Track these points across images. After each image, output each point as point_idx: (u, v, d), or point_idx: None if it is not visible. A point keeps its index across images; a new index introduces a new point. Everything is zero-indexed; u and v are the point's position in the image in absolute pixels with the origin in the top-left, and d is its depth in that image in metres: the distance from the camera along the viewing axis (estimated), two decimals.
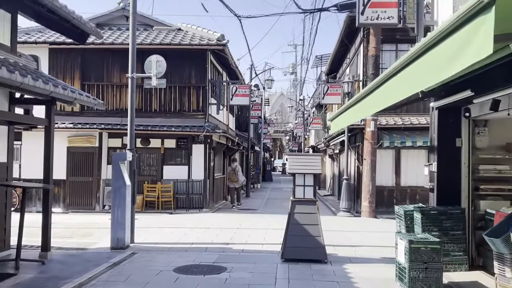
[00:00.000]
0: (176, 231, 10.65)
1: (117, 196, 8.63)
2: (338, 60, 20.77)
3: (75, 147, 14.97)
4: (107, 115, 15.15)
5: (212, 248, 8.72)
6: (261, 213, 15.11)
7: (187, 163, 15.29)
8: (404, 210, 7.55)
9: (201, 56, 15.21)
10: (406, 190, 14.93)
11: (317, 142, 30.93)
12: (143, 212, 14.37)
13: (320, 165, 7.91)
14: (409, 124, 14.48)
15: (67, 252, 8.21)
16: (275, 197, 22.05)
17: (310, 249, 7.62)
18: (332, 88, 15.93)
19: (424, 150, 14.88)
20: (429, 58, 3.58)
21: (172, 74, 15.25)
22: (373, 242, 9.58)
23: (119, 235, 8.59)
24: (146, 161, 15.48)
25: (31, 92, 6.65)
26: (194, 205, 15.11)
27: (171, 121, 15.03)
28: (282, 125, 64.98)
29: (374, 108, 5.59)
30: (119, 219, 8.59)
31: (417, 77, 3.90)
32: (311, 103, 36.00)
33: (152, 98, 15.28)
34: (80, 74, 15.31)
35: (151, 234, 10.20)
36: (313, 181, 7.82)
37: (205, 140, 15.16)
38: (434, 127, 7.74)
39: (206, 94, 15.22)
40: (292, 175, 7.87)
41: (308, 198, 7.82)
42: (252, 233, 10.41)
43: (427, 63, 3.65)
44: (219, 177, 17.97)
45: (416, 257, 6.06)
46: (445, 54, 3.27)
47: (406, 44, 15.15)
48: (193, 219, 12.79)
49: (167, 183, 15.06)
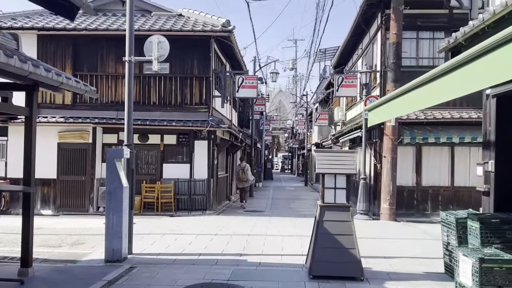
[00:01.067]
0: (179, 238, 9.37)
1: (113, 200, 7.35)
2: (348, 52, 19.50)
3: (66, 143, 13.68)
4: (101, 108, 13.89)
5: (223, 260, 7.45)
6: (269, 215, 13.85)
7: (188, 161, 14.04)
8: (456, 218, 6.31)
9: (204, 44, 13.93)
10: (428, 191, 13.70)
11: (321, 139, 29.70)
12: (141, 214, 13.11)
13: (354, 163, 6.66)
14: (432, 118, 13.24)
15: (54, 266, 6.93)
16: (280, 197, 20.81)
17: (343, 264, 6.37)
18: (347, 79, 14.68)
19: (448, 147, 13.71)
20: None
21: (173, 64, 13.94)
22: (408, 252, 8.34)
23: (114, 246, 7.32)
24: (144, 159, 14.22)
25: (6, 73, 5.36)
26: (197, 206, 13.86)
27: (172, 115, 13.76)
28: (281, 122, 63.88)
29: (434, 100, 4.41)
30: (115, 226, 7.32)
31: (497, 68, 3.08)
32: (313, 99, 34.73)
33: (151, 90, 13.99)
34: (71, 63, 13.99)
35: (152, 242, 8.93)
36: (345, 182, 6.57)
37: (209, 136, 13.90)
38: (491, 118, 6.49)
39: (209, 85, 13.93)
40: (321, 176, 6.61)
41: (340, 203, 6.57)
42: (267, 241, 9.14)
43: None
44: (222, 176, 16.70)
45: (489, 279, 4.85)
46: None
47: (428, 31, 13.98)
48: (197, 224, 11.52)
49: (167, 183, 13.80)
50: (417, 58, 13.97)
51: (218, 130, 14.10)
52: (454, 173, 13.69)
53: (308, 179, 33.10)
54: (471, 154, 13.75)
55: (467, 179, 13.68)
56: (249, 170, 16.46)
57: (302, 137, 46.16)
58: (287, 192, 24.89)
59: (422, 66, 13.92)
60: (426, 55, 14.00)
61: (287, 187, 28.95)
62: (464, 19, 13.51)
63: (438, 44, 13.96)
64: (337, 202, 6.58)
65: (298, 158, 50.00)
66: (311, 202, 19.06)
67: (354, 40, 17.84)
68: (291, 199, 20.24)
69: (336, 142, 21.73)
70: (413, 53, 13.96)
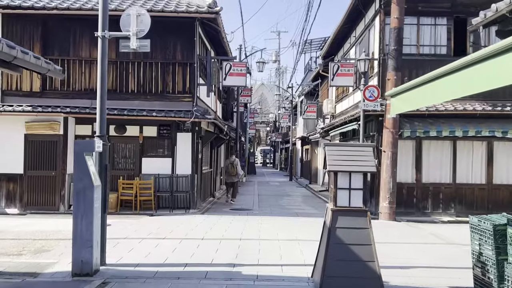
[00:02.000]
0: (161, 244, 8.20)
1: (81, 202, 6.15)
2: (339, 41, 18.45)
3: (34, 134, 12.34)
4: (74, 96, 12.61)
5: (214, 273, 6.32)
6: (259, 214, 12.75)
7: (170, 155, 12.85)
8: (493, 224, 5.29)
9: (188, 27, 12.70)
10: (428, 188, 12.79)
11: (307, 132, 28.72)
12: (117, 213, 11.90)
13: (373, 159, 5.59)
14: (434, 110, 12.28)
15: (8, 283, 5.72)
16: (267, 193, 19.74)
17: (360, 279, 5.32)
18: (343, 67, 13.61)
19: (449, 141, 12.81)
20: None
21: (154, 49, 12.73)
22: (423, 260, 7.33)
23: (84, 256, 6.12)
24: (122, 153, 12.99)
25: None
26: (179, 205, 12.70)
27: (152, 104, 12.53)
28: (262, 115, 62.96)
29: (486, 85, 3.42)
30: (84, 233, 6.12)
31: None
32: (299, 91, 33.69)
33: (129, 77, 12.72)
34: (40, 46, 12.61)
35: (129, 249, 7.74)
36: (362, 182, 5.51)
37: (193, 128, 12.72)
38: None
39: (194, 72, 12.72)
40: (333, 174, 5.53)
41: (356, 206, 5.50)
42: (262, 247, 8.03)
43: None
44: (206, 171, 15.53)
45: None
46: None
47: (430, 17, 13.01)
48: (181, 225, 10.35)
49: (147, 179, 12.59)
50: (418, 46, 12.98)
51: (203, 121, 12.92)
52: (456, 169, 12.81)
53: (292, 174, 32.15)
54: (474, 149, 12.89)
55: (469, 176, 12.82)
56: (239, 164, 15.83)
57: (286, 131, 45.21)
58: (273, 187, 23.86)
59: (423, 54, 12.98)
60: (428, 43, 13.03)
61: (272, 182, 27.91)
62: (468, 4, 12.76)
63: (440, 31, 13.10)
64: (352, 205, 5.51)
65: (280, 152, 49.04)
66: (300, 199, 18.07)
67: (347, 28, 16.81)
68: (279, 195, 19.20)
69: (325, 136, 20.73)
70: (414, 40, 12.98)
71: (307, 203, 16.42)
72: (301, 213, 13.33)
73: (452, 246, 8.51)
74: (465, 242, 9.00)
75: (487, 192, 12.71)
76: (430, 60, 12.73)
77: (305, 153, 32.03)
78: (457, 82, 3.87)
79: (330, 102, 19.93)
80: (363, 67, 12.24)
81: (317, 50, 32.59)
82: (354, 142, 14.67)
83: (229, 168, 15.65)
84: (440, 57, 12.74)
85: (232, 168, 15.50)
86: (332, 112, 19.82)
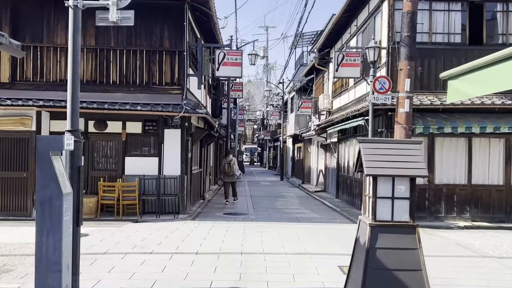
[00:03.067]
0: (148, 260, 6.88)
1: (47, 215, 4.82)
2: (337, 31, 17.24)
3: (3, 131, 10.95)
4: (48, 88, 11.25)
5: None
6: (256, 220, 11.50)
7: (157, 154, 11.54)
8: None
9: (177, 11, 11.38)
10: (441, 190, 11.68)
11: (299, 130, 27.55)
12: (97, 219, 10.58)
13: (423, 160, 4.38)
14: (449, 105, 11.10)
15: None
16: (260, 194, 18.49)
17: None
18: (348, 57, 12.39)
19: (465, 138, 11.73)
20: None
21: (139, 35, 11.47)
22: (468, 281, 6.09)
23: (50, 283, 4.79)
24: (102, 151, 11.65)
25: None
26: (167, 209, 11.41)
27: (137, 97, 11.19)
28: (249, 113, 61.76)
29: None
30: (51, 255, 4.79)
31: None
32: (289, 87, 32.48)
33: (110, 66, 11.37)
34: (10, 31, 11.09)
35: (109, 269, 6.40)
36: (409, 190, 4.29)
37: (182, 124, 11.43)
38: None
39: (183, 62, 11.41)
40: (371, 179, 4.31)
41: (401, 221, 4.29)
42: (268, 264, 6.74)
43: None
44: (196, 171, 14.22)
45: None
46: None
47: (443, 2, 11.89)
48: (170, 234, 9.04)
49: (131, 181, 11.26)
50: (430, 33, 11.85)
51: (194, 116, 11.64)
52: (472, 169, 11.72)
53: (283, 173, 30.98)
54: (491, 146, 11.81)
55: (486, 176, 11.75)
56: (235, 164, 15.07)
57: (274, 129, 44.01)
58: (264, 187, 22.62)
59: (435, 42, 11.85)
60: (440, 30, 11.90)
61: (263, 182, 26.68)
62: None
63: (454, 17, 11.98)
64: (396, 219, 4.30)
65: (269, 150, 47.81)
66: (296, 200, 16.88)
67: (346, 18, 15.64)
68: (273, 196, 17.98)
69: (320, 133, 19.57)
70: (426, 28, 11.84)
71: (304, 205, 15.23)
72: (301, 218, 12.13)
73: (489, 260, 7.35)
74: (498, 254, 7.88)
75: (505, 193, 11.66)
76: (443, 49, 11.66)
77: (297, 152, 30.86)
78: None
79: (327, 97, 18.76)
80: (372, 55, 11.03)
81: (308, 44, 31.44)
82: (356, 140, 13.52)
83: (225, 168, 15.03)
84: (454, 46, 11.66)
85: (229, 167, 14.92)
86: (329, 108, 18.66)
